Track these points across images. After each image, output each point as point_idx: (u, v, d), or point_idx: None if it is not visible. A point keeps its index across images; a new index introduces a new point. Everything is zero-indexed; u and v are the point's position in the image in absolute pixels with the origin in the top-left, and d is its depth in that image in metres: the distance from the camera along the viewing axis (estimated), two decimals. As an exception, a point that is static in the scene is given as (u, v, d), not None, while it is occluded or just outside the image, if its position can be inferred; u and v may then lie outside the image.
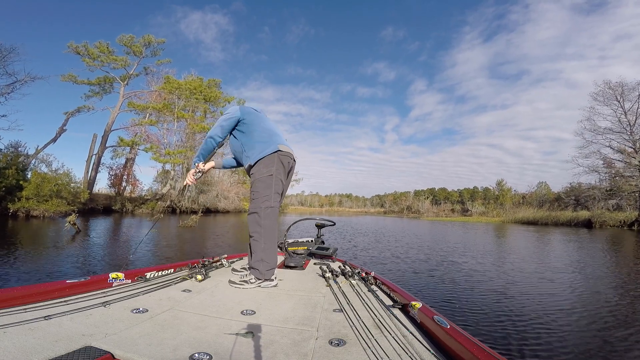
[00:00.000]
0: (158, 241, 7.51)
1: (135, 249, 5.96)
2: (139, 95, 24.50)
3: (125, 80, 23.19)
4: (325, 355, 1.01)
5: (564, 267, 5.55)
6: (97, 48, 21.50)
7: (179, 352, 0.98)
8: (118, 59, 22.03)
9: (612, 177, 25.26)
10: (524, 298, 3.43)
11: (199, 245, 7.49)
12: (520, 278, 4.46)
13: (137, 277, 1.78)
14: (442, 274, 4.67)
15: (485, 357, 0.84)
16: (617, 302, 3.37)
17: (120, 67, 22.57)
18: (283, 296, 1.71)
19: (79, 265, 4.64)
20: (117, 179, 23.93)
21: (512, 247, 8.70)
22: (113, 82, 23.23)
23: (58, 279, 2.72)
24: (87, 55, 21.20)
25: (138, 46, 22.76)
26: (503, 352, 2.03)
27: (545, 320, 2.71)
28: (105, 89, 23.47)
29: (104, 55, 21.64)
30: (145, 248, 6.33)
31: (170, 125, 24.61)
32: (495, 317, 2.77)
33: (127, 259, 4.91)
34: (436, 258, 6.25)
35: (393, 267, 5.28)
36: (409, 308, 1.43)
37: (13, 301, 1.21)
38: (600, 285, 4.12)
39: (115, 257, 5.29)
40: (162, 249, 6.51)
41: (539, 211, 29.24)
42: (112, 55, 21.88)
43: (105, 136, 22.15)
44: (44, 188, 13.35)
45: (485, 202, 50.09)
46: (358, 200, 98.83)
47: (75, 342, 0.95)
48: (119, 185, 23.89)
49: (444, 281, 4.20)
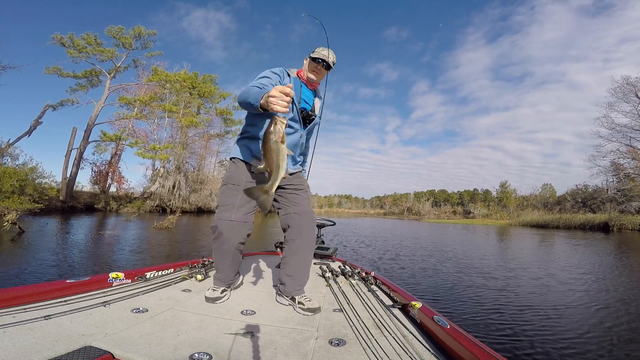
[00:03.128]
0: (115, 246, 6.65)
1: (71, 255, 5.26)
2: (127, 88, 23.90)
3: (112, 73, 22.52)
4: (325, 355, 1.03)
5: (572, 270, 5.47)
6: (84, 40, 21.10)
7: (179, 352, 0.99)
8: (104, 51, 21.56)
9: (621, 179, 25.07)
10: (524, 299, 3.44)
11: (162, 252, 6.34)
12: (525, 280, 4.42)
13: (137, 277, 1.80)
14: (445, 275, 4.66)
15: (485, 357, 0.86)
16: (625, 309, 3.27)
17: (107, 58, 21.95)
18: None
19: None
20: (102, 176, 23.07)
21: (525, 252, 8.42)
22: (100, 74, 22.58)
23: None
24: (73, 47, 20.70)
25: (128, 38, 22.35)
26: (503, 352, 2.03)
27: (546, 320, 2.72)
28: (92, 82, 22.85)
29: (90, 47, 21.20)
30: (86, 254, 5.63)
31: (162, 120, 24.02)
32: (496, 317, 2.79)
33: (63, 267, 4.48)
34: (452, 265, 5.87)
35: (394, 267, 5.18)
36: (409, 308, 1.45)
37: (13, 301, 1.22)
38: (611, 291, 4.04)
39: (45, 265, 4.58)
40: (107, 256, 5.65)
41: (548, 214, 28.84)
42: (99, 47, 21.27)
43: (88, 130, 21.49)
44: (4, 184, 12.45)
45: (486, 204, 49.97)
46: (357, 201, 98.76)
47: (75, 342, 0.97)
48: (103, 183, 23.02)
49: (446, 282, 4.19)
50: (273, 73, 1.64)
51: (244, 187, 1.57)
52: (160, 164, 23.81)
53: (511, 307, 3.10)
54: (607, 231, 19.48)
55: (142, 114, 23.18)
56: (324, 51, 1.71)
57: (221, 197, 1.66)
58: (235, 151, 1.70)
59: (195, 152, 26.83)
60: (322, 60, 1.70)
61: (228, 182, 1.66)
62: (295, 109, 1.66)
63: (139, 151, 21.84)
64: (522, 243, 11.06)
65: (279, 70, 1.69)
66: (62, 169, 20.10)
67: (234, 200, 1.61)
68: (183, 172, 24.71)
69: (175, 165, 24.30)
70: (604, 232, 18.66)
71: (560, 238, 13.60)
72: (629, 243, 12.07)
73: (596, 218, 22.24)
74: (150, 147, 22.05)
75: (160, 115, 24.16)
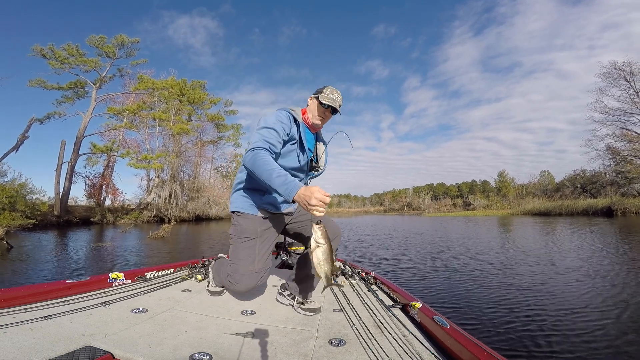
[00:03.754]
0: (107, 257, 6.49)
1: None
2: (114, 98, 23.63)
3: (98, 83, 22.25)
4: (325, 355, 1.04)
5: (579, 262, 5.30)
6: (66, 50, 20.84)
7: (179, 352, 1.00)
8: (87, 61, 21.28)
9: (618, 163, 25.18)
10: (526, 298, 3.36)
11: (157, 262, 6.13)
12: (528, 278, 4.33)
13: (137, 277, 1.80)
14: (446, 274, 4.64)
15: (485, 357, 0.87)
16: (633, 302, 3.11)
17: (91, 68, 21.72)
18: None
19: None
20: (95, 189, 22.73)
21: (529, 244, 8.02)
22: (85, 85, 22.29)
23: None
24: (54, 58, 20.39)
25: (110, 47, 22.13)
26: (503, 352, 2.03)
27: (548, 320, 2.68)
28: (78, 94, 22.53)
29: (72, 57, 20.94)
30: (76, 265, 5.43)
31: (153, 130, 23.78)
32: (496, 317, 2.77)
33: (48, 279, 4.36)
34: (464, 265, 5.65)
35: (395, 268, 5.16)
36: (409, 308, 1.45)
37: (13, 301, 1.22)
38: (619, 284, 3.81)
39: (26, 277, 4.52)
40: (100, 267, 5.48)
41: (549, 201, 28.84)
42: (82, 57, 21.02)
43: (78, 143, 21.16)
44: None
45: (485, 195, 50.06)
46: (357, 200, 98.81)
47: (75, 342, 0.97)
48: (97, 196, 22.69)
49: (446, 282, 4.18)
50: (280, 123, 1.51)
51: (260, 236, 1.59)
52: (155, 174, 23.55)
53: (512, 307, 3.04)
54: (611, 216, 19.18)
55: (133, 124, 22.92)
56: (333, 94, 1.60)
57: (237, 253, 1.58)
58: (238, 204, 1.63)
59: (190, 159, 26.62)
60: (331, 107, 1.60)
61: (243, 237, 1.59)
62: (303, 159, 1.62)
63: (131, 162, 21.58)
64: (525, 234, 10.79)
65: (286, 118, 1.56)
66: (54, 184, 19.75)
67: (252, 252, 1.57)
68: (178, 180, 24.46)
69: (170, 174, 24.05)
70: (607, 217, 18.31)
71: (564, 225, 13.32)
72: (637, 227, 11.59)
73: (598, 203, 22.05)
74: (142, 157, 21.76)
75: (152, 125, 23.91)
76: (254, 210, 1.59)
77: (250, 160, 1.35)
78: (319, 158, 1.76)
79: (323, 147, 1.78)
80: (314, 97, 1.63)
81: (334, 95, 1.59)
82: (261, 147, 1.38)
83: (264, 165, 1.30)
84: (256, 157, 1.33)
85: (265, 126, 1.47)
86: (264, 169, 1.29)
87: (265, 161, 1.32)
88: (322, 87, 1.62)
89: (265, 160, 1.32)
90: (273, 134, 1.45)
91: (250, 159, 1.35)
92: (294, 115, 1.59)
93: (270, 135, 1.44)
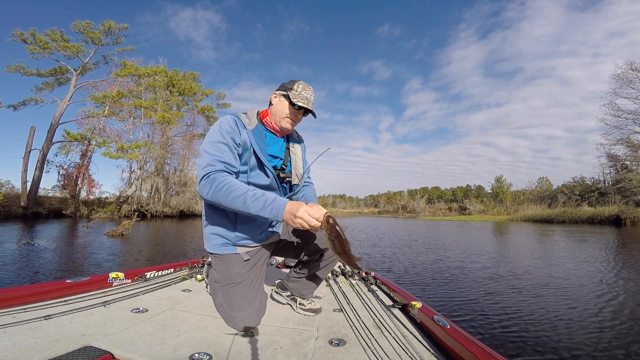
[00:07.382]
0: (34, 259, 5.07)
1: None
2: (97, 85, 22.84)
3: (79, 70, 20.93)
4: (325, 355, 1.06)
5: (580, 265, 5.35)
6: (48, 36, 20.00)
7: (179, 352, 1.01)
8: (69, 46, 20.26)
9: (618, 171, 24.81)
10: (527, 299, 3.39)
11: (85, 271, 4.60)
12: (528, 280, 4.30)
13: (137, 277, 1.82)
14: (445, 275, 4.58)
15: (485, 357, 0.88)
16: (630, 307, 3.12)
17: (73, 54, 20.53)
18: None
19: None
20: (70, 180, 21.31)
21: (533, 250, 7.79)
22: (66, 72, 21.06)
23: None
24: (35, 44, 19.52)
25: (96, 33, 21.37)
26: (503, 352, 2.05)
27: (548, 321, 2.70)
28: (59, 81, 21.34)
29: (54, 43, 20.09)
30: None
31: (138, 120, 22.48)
32: (497, 317, 2.77)
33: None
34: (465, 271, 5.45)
35: (393, 268, 5.07)
36: (409, 308, 1.48)
37: (13, 301, 1.23)
38: (622, 290, 3.78)
39: None
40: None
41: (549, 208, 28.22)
42: (65, 43, 20.03)
43: (52, 130, 19.88)
44: None
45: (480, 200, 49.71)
46: (352, 200, 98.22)
47: (75, 342, 0.98)
48: (72, 187, 21.28)
49: (446, 281, 4.14)
50: (228, 133, 1.25)
51: (248, 277, 1.37)
52: (137, 166, 22.20)
53: (512, 307, 3.08)
54: (619, 225, 18.34)
55: (115, 113, 21.58)
56: (306, 91, 1.36)
57: (228, 300, 1.33)
58: (212, 243, 1.38)
59: (177, 152, 25.34)
60: (305, 108, 1.36)
61: (229, 283, 1.35)
62: (269, 174, 1.36)
63: (106, 151, 20.44)
64: (530, 240, 10.37)
65: (233, 123, 1.29)
66: (22, 172, 18.37)
67: (244, 296, 1.34)
68: (163, 174, 23.15)
69: (154, 167, 22.72)
70: (615, 226, 17.51)
71: (569, 234, 12.59)
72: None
73: (605, 211, 21.14)
74: (118, 146, 20.42)
75: (138, 115, 22.57)
76: (231, 249, 1.37)
77: (208, 191, 1.15)
78: (293, 164, 1.48)
79: (299, 149, 1.53)
80: (281, 94, 1.38)
81: (307, 94, 1.36)
82: (215, 170, 1.18)
83: (230, 191, 1.12)
84: (215, 185, 1.14)
85: (211, 141, 1.24)
86: (232, 197, 1.11)
87: (229, 186, 1.13)
88: (290, 82, 1.38)
89: (229, 184, 1.13)
90: (223, 148, 1.23)
91: (208, 190, 1.15)
92: (242, 121, 1.33)
93: (221, 151, 1.22)
